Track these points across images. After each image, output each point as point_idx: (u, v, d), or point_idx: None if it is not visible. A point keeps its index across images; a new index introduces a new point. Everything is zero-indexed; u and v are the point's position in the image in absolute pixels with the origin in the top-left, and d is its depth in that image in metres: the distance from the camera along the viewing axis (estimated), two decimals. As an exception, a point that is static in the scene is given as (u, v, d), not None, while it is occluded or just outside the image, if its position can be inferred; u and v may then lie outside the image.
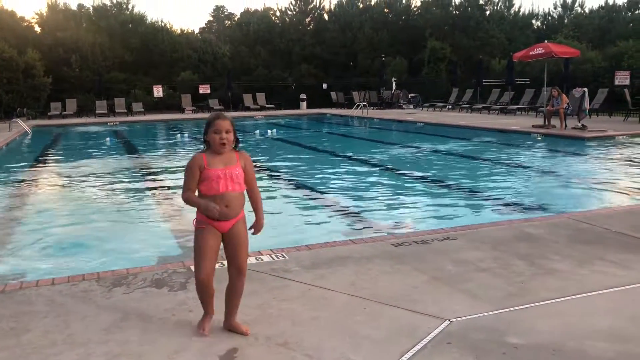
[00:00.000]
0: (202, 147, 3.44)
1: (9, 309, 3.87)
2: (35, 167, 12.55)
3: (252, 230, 3.55)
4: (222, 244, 3.46)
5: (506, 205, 7.60)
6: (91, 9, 37.74)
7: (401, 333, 3.40)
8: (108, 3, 37.67)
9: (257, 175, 3.69)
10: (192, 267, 4.41)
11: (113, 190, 9.40)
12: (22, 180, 10.53)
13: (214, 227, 3.36)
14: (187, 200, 3.35)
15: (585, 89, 16.81)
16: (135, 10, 38.34)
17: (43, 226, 6.90)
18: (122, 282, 4.36)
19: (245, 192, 3.45)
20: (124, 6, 37.99)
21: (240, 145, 3.46)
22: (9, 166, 12.39)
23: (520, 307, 3.76)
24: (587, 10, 36.90)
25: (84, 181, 10.23)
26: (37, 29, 36.05)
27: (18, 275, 5.06)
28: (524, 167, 10.79)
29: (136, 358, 3.15)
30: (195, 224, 3.41)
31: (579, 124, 15.92)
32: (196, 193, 3.37)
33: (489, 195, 8.26)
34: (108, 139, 18.25)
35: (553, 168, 10.91)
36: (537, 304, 3.81)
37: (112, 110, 28.85)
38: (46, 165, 13.05)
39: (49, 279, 4.50)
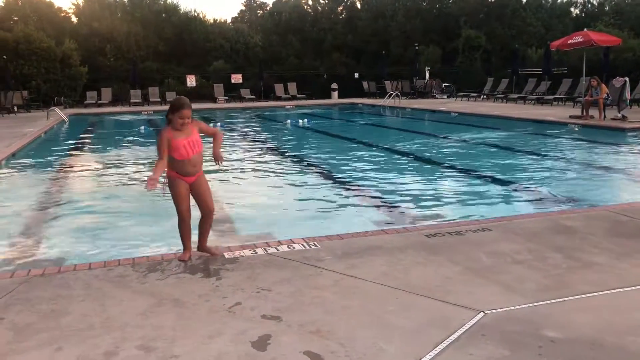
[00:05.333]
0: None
1: (49, 292, 3.97)
2: (73, 154, 12.82)
3: (216, 162, 4.63)
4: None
5: (541, 196, 7.45)
6: (126, -1, 38.26)
7: (434, 324, 3.36)
8: (142, -7, 38.12)
9: (290, 164, 3.93)
10: (225, 255, 4.50)
11: (146, 177, 9.53)
12: (60, 167, 10.77)
13: (184, 180, 4.47)
14: (156, 165, 4.38)
15: (627, 79, 16.30)
16: (169, 0, 38.70)
17: (80, 212, 7.06)
18: (156, 267, 4.42)
19: (202, 151, 4.55)
20: (158, -4, 38.39)
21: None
22: (47, 153, 12.68)
23: (557, 300, 3.68)
24: (628, -3, 35.74)
25: (119, 168, 10.42)
26: (74, 19, 36.76)
27: (56, 259, 5.18)
28: (561, 159, 10.55)
29: (171, 342, 3.20)
30: (167, 178, 4.50)
31: (619, 115, 15.48)
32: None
33: (524, 187, 8.10)
34: (142, 127, 18.52)
35: (591, 160, 10.64)
36: (574, 297, 3.73)
37: (147, 99, 29.25)
38: (83, 152, 13.33)
39: (85, 264, 4.60)
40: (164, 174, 4.52)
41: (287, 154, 12.28)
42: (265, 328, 3.34)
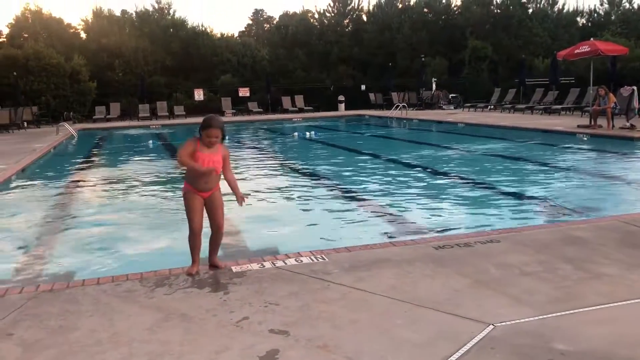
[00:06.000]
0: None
1: (57, 307, 3.98)
2: (82, 169, 12.90)
3: (238, 203, 4.70)
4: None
5: (551, 207, 7.40)
6: (134, 14, 38.67)
7: (443, 337, 3.33)
8: (150, 9, 38.56)
9: (297, 177, 3.91)
10: (233, 268, 4.51)
11: (156, 191, 9.57)
12: (69, 182, 10.84)
13: (199, 195, 4.55)
14: (183, 160, 4.46)
15: (634, 88, 16.25)
16: (177, 15, 39.09)
17: (88, 227, 7.08)
18: (164, 282, 4.42)
19: (221, 173, 4.61)
20: (166, 11, 38.78)
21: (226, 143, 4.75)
22: (56, 168, 12.78)
23: (567, 312, 3.64)
24: (635, 6, 35.70)
25: (127, 182, 10.46)
26: (83, 35, 37.16)
27: (65, 274, 5.20)
28: (569, 169, 10.50)
29: (178, 358, 3.19)
30: (183, 191, 4.62)
31: (628, 124, 15.40)
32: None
33: (533, 198, 8.06)
34: (151, 141, 18.63)
35: (600, 169, 10.58)
36: (585, 309, 3.69)
37: (155, 113, 29.46)
38: (91, 167, 13.40)
39: (94, 279, 4.61)
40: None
41: (295, 166, 12.30)
42: (273, 343, 3.33)
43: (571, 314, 3.61)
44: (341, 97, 31.77)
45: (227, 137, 4.67)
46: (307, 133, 19.50)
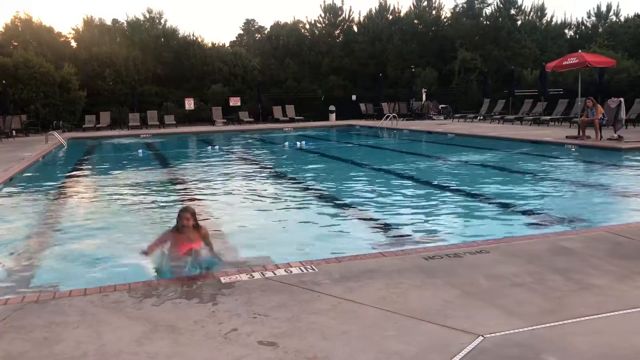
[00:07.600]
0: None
1: (43, 318, 3.92)
2: (70, 178, 12.80)
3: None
4: None
5: (540, 218, 7.42)
6: (125, 23, 38.60)
7: (433, 349, 3.32)
8: (141, 18, 38.50)
9: (286, 186, 3.96)
10: (222, 279, 4.48)
11: (145, 201, 9.51)
12: (57, 191, 10.74)
13: None
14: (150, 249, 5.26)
15: (621, 99, 16.41)
16: (168, 24, 39.00)
17: (77, 236, 7.01)
18: (152, 293, 4.38)
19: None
20: (157, 21, 38.73)
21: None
22: (45, 177, 12.67)
23: (557, 323, 3.64)
24: (622, 19, 36.20)
25: (116, 192, 10.39)
26: (73, 44, 37.03)
27: (51, 285, 5.13)
28: (558, 179, 10.55)
29: (166, 370, 3.15)
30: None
31: (615, 135, 15.54)
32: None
33: (522, 208, 8.08)
34: (140, 151, 18.53)
35: (588, 180, 10.65)
36: (574, 320, 3.69)
37: (145, 122, 29.33)
38: (80, 176, 13.30)
39: (81, 289, 4.55)
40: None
41: (285, 176, 12.27)
42: (262, 354, 3.30)
43: (561, 325, 3.61)
44: (332, 107, 31.81)
45: (200, 226, 5.31)
46: (298, 143, 19.49)
